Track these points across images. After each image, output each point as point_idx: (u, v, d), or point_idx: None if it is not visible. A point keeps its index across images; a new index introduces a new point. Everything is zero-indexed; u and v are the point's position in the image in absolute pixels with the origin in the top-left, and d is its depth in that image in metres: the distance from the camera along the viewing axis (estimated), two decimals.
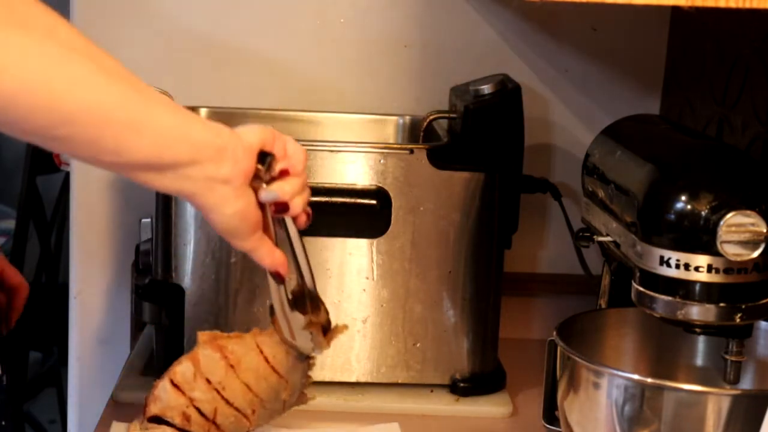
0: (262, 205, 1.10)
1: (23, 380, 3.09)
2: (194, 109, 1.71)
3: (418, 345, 1.53)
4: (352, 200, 1.49)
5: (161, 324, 1.52)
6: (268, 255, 1.13)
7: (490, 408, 1.53)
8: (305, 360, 1.26)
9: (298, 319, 1.19)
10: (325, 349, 1.23)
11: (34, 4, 0.92)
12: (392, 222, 1.49)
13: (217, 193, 1.04)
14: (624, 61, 1.82)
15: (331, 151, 1.49)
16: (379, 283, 1.51)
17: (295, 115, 1.73)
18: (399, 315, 1.52)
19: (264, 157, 1.08)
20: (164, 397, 1.25)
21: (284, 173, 1.11)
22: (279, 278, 1.16)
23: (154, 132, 0.97)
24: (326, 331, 1.21)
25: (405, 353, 1.53)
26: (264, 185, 1.09)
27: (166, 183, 1.01)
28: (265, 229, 1.12)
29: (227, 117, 1.73)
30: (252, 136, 1.08)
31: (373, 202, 1.49)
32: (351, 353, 1.52)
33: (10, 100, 0.87)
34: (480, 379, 1.55)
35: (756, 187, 1.18)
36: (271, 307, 1.20)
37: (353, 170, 1.49)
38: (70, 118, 0.90)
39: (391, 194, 1.49)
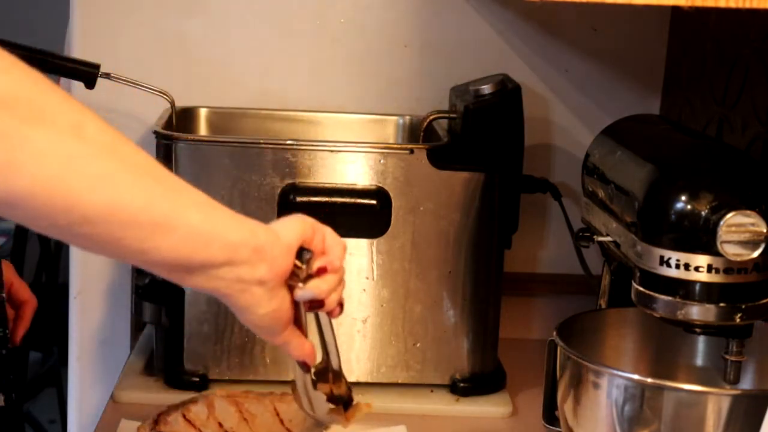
0: (295, 300, 1.05)
1: (23, 380, 3.10)
2: (194, 109, 1.72)
3: (418, 345, 1.53)
4: (352, 200, 1.49)
5: (161, 324, 1.52)
6: (298, 348, 1.08)
7: (490, 408, 1.53)
8: (323, 427, 1.24)
9: (320, 397, 1.14)
10: (346, 427, 1.19)
11: (62, 100, 0.88)
12: (392, 222, 1.49)
13: (251, 294, 0.99)
14: (624, 61, 1.83)
15: (331, 151, 1.49)
16: (379, 283, 1.51)
17: (295, 115, 1.74)
18: (399, 315, 1.52)
19: (302, 254, 1.03)
20: (176, 427, 1.25)
21: (322, 270, 1.05)
22: (306, 367, 1.12)
23: (184, 233, 0.92)
24: (347, 405, 1.17)
25: (405, 353, 1.53)
26: (300, 284, 1.03)
27: (195, 282, 0.96)
28: (296, 320, 1.06)
29: (227, 117, 1.73)
30: (292, 232, 1.03)
31: (373, 202, 1.49)
32: (351, 353, 1.52)
33: (27, 197, 0.83)
34: (480, 379, 1.55)
35: (756, 187, 1.18)
36: (293, 381, 1.16)
37: (353, 170, 1.49)
38: (90, 217, 0.86)
39: (391, 194, 1.49)
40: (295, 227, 1.04)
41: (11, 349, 1.48)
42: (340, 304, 1.10)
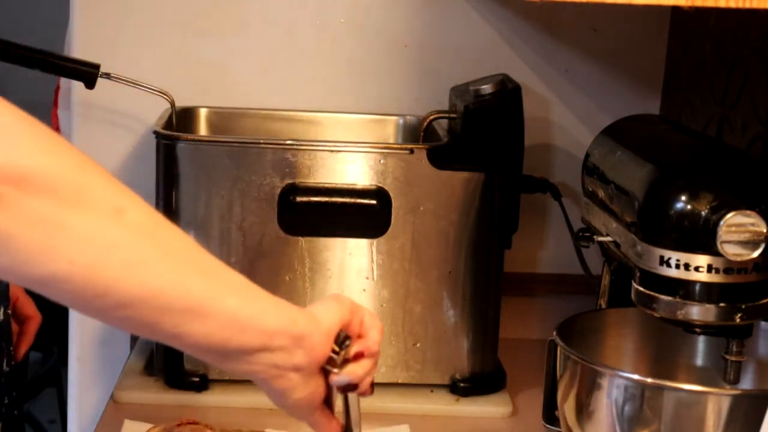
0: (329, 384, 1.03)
1: (23, 380, 3.09)
2: (194, 109, 1.72)
3: (418, 345, 1.53)
4: (352, 200, 1.49)
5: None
6: (325, 427, 1.06)
7: (490, 408, 1.53)
8: None
9: None
10: None
11: (104, 182, 0.87)
12: (392, 222, 1.49)
13: (287, 380, 0.98)
14: (624, 61, 1.82)
15: (331, 151, 1.49)
16: (379, 283, 1.51)
17: (295, 115, 1.74)
18: (399, 315, 1.52)
19: (340, 339, 1.01)
20: None
21: (359, 355, 1.03)
22: None
23: (220, 319, 0.91)
24: None
25: (405, 353, 1.53)
26: (336, 369, 1.01)
27: (230, 366, 0.96)
28: (326, 400, 1.05)
29: (227, 117, 1.73)
30: (331, 318, 1.01)
31: (373, 202, 1.49)
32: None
33: (62, 281, 0.84)
34: (480, 379, 1.55)
35: (756, 187, 1.18)
36: None
37: (353, 170, 1.49)
38: (125, 302, 0.86)
39: (391, 194, 1.49)
40: (335, 312, 1.02)
41: (14, 365, 1.48)
42: (371, 386, 1.08)
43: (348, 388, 1.03)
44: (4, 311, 1.47)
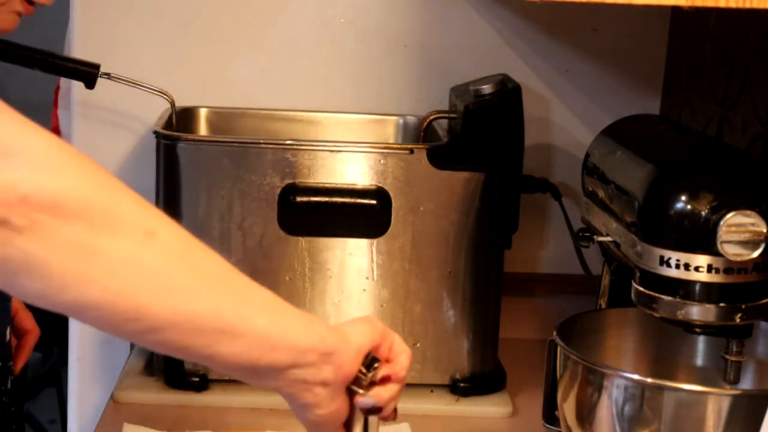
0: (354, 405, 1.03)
1: (23, 380, 3.10)
2: (194, 109, 1.72)
3: (418, 345, 1.53)
4: (352, 200, 1.49)
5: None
6: None
7: (490, 408, 1.53)
8: None
9: None
10: None
11: (136, 205, 0.87)
12: (392, 222, 1.49)
13: (314, 395, 0.98)
14: (624, 61, 1.82)
15: (331, 151, 1.49)
16: (379, 283, 1.51)
17: (295, 115, 1.74)
18: (399, 315, 1.52)
19: (369, 361, 1.01)
20: None
21: (386, 379, 1.02)
22: None
23: (251, 339, 0.92)
24: None
25: None
26: (361, 390, 1.01)
27: (261, 382, 0.96)
28: (347, 422, 1.04)
29: (227, 117, 1.73)
30: (363, 338, 1.00)
31: (373, 202, 1.49)
32: None
33: (95, 307, 0.84)
34: (480, 379, 1.55)
35: (756, 187, 1.18)
36: None
37: (353, 170, 1.49)
38: (157, 327, 0.87)
39: (391, 194, 1.49)
40: (366, 333, 1.01)
41: (14, 380, 1.47)
42: (395, 410, 1.08)
43: (372, 411, 1.03)
44: (10, 331, 1.47)
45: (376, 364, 1.01)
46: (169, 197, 1.49)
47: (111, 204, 0.85)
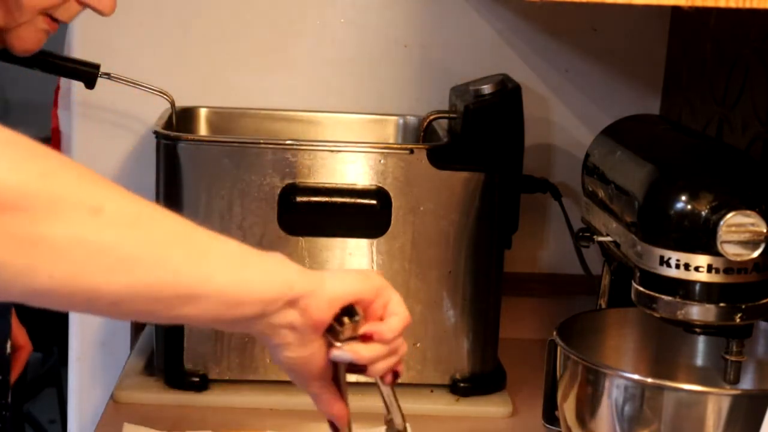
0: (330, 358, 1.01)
1: (23, 380, 3.10)
2: (194, 109, 1.72)
3: (418, 345, 1.53)
4: (352, 200, 1.49)
5: (161, 324, 1.52)
6: (327, 404, 1.04)
7: (490, 408, 1.53)
8: None
9: None
10: None
11: (78, 182, 0.85)
12: (392, 222, 1.49)
13: (281, 336, 0.97)
14: (624, 61, 1.82)
15: (331, 151, 1.49)
16: None
17: (295, 115, 1.74)
18: None
19: (349, 313, 0.98)
20: None
21: (367, 337, 1.00)
22: (333, 428, 1.07)
23: (213, 299, 0.91)
24: None
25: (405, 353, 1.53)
26: (338, 343, 0.98)
27: (227, 328, 0.98)
28: (335, 378, 1.02)
29: (227, 117, 1.73)
30: (342, 288, 0.98)
31: (373, 202, 1.49)
32: None
33: (46, 294, 0.83)
34: (480, 379, 1.55)
35: (756, 187, 1.18)
36: None
37: (353, 170, 1.49)
38: (116, 300, 0.87)
39: (391, 194, 1.49)
40: (351, 283, 0.99)
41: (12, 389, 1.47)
42: (395, 373, 1.06)
43: (354, 368, 1.01)
44: (10, 344, 1.47)
45: (356, 318, 0.98)
46: (169, 197, 1.49)
47: (51, 189, 0.82)
